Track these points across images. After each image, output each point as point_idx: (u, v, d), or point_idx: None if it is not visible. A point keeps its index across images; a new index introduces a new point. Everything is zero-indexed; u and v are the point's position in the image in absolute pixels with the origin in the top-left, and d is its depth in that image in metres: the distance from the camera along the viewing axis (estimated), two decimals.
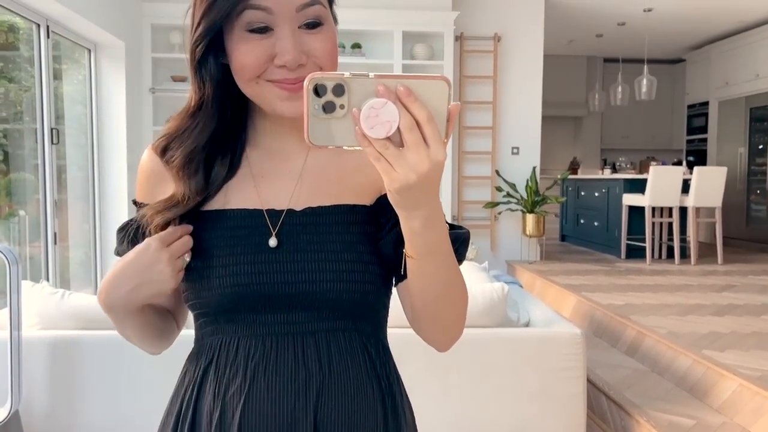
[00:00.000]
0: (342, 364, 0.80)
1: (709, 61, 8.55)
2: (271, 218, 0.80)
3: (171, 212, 0.80)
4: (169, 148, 0.82)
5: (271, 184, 0.83)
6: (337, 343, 0.80)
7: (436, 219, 0.67)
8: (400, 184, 0.60)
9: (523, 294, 3.27)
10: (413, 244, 0.69)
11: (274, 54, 0.74)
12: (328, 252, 0.79)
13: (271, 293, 0.78)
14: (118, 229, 0.89)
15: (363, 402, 0.80)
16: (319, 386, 0.78)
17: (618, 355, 3.67)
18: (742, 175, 7.81)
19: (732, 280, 5.19)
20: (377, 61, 5.55)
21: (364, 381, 0.81)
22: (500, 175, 6.19)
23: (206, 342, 0.83)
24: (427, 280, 0.74)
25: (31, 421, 2.40)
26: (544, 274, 5.52)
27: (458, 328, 0.82)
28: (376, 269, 0.80)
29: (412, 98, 0.58)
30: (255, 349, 0.79)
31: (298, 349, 0.79)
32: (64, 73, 4.55)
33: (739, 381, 2.74)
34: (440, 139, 0.59)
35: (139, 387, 2.46)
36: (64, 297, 2.48)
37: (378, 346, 0.85)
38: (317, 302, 0.78)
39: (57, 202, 4.10)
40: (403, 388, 0.89)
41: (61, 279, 4.16)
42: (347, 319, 0.80)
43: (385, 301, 0.85)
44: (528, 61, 6.23)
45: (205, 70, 0.78)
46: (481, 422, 2.57)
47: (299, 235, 0.80)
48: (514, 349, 2.56)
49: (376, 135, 0.59)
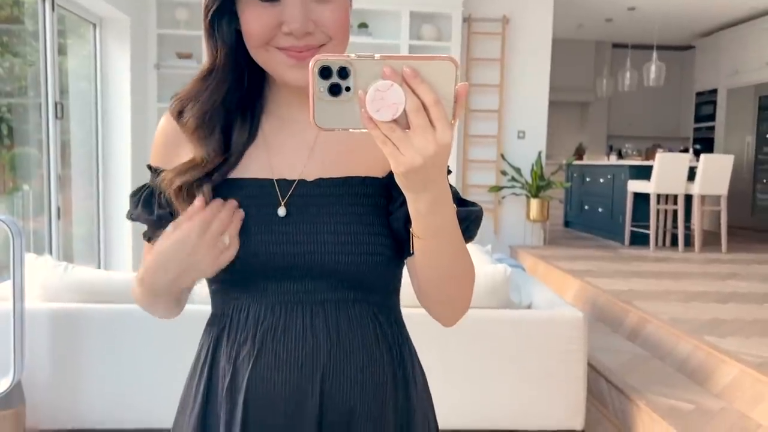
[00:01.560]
0: (351, 334, 0.80)
1: (718, 48, 8.47)
2: (282, 188, 0.80)
3: (190, 174, 0.79)
4: (183, 112, 0.82)
5: (284, 154, 0.83)
6: (346, 313, 0.80)
7: (442, 201, 0.67)
8: (407, 167, 0.60)
9: (526, 277, 3.27)
10: (419, 225, 0.69)
11: (282, 21, 0.74)
12: (337, 223, 0.78)
13: (281, 263, 0.78)
14: (131, 194, 0.89)
15: (371, 372, 0.80)
16: (326, 355, 0.78)
17: (619, 340, 3.68)
18: (749, 163, 7.77)
19: (736, 269, 5.18)
20: (384, 41, 5.51)
21: (374, 351, 0.81)
22: (505, 159, 6.17)
23: (220, 309, 0.84)
24: (432, 259, 0.74)
25: (34, 391, 2.42)
26: (547, 258, 5.51)
27: (463, 304, 0.82)
28: (386, 241, 0.80)
29: (418, 80, 0.57)
30: (264, 317, 0.80)
31: (307, 318, 0.79)
32: (68, 48, 4.53)
33: (739, 367, 2.74)
34: (447, 121, 0.59)
35: (140, 358, 2.47)
36: (66, 270, 2.48)
37: (389, 316, 0.85)
38: (326, 272, 0.78)
39: (61, 177, 4.10)
40: (416, 359, 0.89)
41: (64, 254, 4.17)
42: (357, 289, 0.80)
43: (396, 273, 0.85)
44: (536, 44, 6.17)
45: (218, 34, 0.79)
46: (482, 402, 2.58)
47: (309, 206, 0.80)
48: (516, 331, 2.56)
49: (382, 118, 0.58)
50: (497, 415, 2.59)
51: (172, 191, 0.80)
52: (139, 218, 0.87)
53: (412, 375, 0.85)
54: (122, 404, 2.48)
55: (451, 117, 0.59)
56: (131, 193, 0.89)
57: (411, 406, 0.84)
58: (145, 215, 0.86)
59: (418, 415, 0.85)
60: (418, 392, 0.86)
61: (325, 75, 0.58)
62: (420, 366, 0.90)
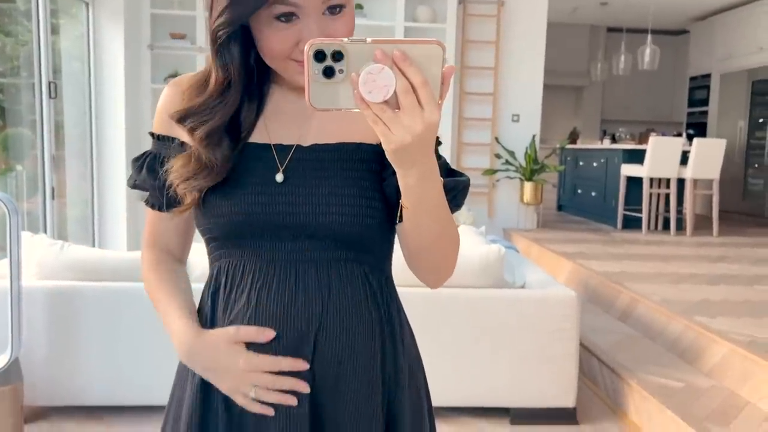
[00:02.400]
0: (342, 291, 0.83)
1: (713, 32, 8.48)
2: (280, 153, 0.84)
3: (197, 182, 0.81)
4: (189, 121, 0.83)
5: (281, 121, 0.86)
6: (338, 272, 0.84)
7: (430, 176, 0.71)
8: (396, 144, 0.65)
9: (520, 258, 3.30)
10: (408, 197, 0.74)
11: (299, 39, 0.77)
12: (332, 186, 0.82)
13: (276, 222, 0.82)
14: (133, 160, 0.92)
15: (361, 327, 0.84)
16: (318, 311, 0.82)
17: (611, 320, 3.72)
18: (741, 148, 7.81)
19: (726, 252, 5.23)
20: (379, 22, 5.49)
21: (363, 308, 0.85)
22: (500, 143, 6.18)
23: (216, 266, 0.88)
24: (420, 229, 0.79)
25: (31, 367, 2.43)
26: (540, 241, 5.54)
27: (448, 270, 0.87)
28: (379, 205, 0.84)
29: (407, 62, 0.61)
30: (259, 273, 0.83)
31: (300, 276, 0.83)
32: (61, 28, 4.49)
33: (729, 346, 2.79)
34: (435, 101, 0.63)
35: (135, 336, 2.49)
36: (63, 248, 2.49)
37: (380, 277, 0.88)
38: (320, 233, 0.82)
39: (54, 157, 4.09)
40: (404, 320, 0.93)
41: (59, 235, 4.16)
42: (350, 250, 0.84)
43: (389, 237, 0.89)
44: (531, 27, 6.16)
45: (228, 53, 0.80)
46: (475, 380, 2.61)
47: (305, 170, 0.83)
48: (509, 310, 2.59)
49: (373, 99, 0.62)
50: (490, 393, 2.63)
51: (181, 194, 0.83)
52: (143, 184, 0.90)
53: (400, 334, 0.90)
54: (118, 381, 2.51)
55: (438, 98, 0.63)
56: (133, 159, 0.92)
57: (398, 364, 0.88)
58: (150, 180, 0.89)
59: (405, 372, 0.89)
60: (405, 350, 0.90)
61: (320, 58, 0.62)
62: (409, 328, 0.94)
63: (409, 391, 0.89)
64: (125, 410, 2.59)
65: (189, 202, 0.83)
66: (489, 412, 2.68)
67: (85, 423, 2.54)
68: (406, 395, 0.89)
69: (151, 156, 0.90)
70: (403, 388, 0.88)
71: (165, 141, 0.89)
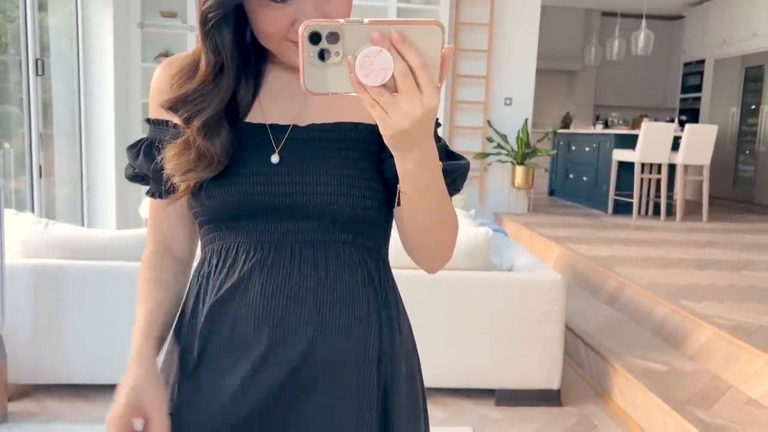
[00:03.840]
0: (338, 273, 0.81)
1: (708, 18, 8.45)
2: (276, 133, 0.82)
3: (196, 174, 0.78)
4: (178, 108, 0.80)
5: (277, 100, 0.84)
6: (335, 253, 0.82)
7: (428, 161, 0.69)
8: (394, 129, 0.62)
9: (508, 242, 3.30)
10: (406, 182, 0.71)
11: (294, 19, 0.74)
12: (330, 167, 0.80)
13: (271, 203, 0.80)
14: (127, 148, 0.88)
15: (357, 310, 0.82)
16: (313, 292, 0.80)
17: (598, 304, 3.74)
18: (733, 135, 7.82)
19: (715, 237, 5.25)
20: (372, 3, 5.44)
21: (360, 291, 0.83)
22: (492, 126, 6.16)
23: (209, 249, 0.86)
24: (418, 214, 0.77)
25: (15, 345, 2.43)
26: (530, 225, 5.55)
27: (446, 255, 0.85)
28: (378, 186, 0.82)
29: (406, 44, 0.58)
30: (253, 254, 0.81)
31: (296, 256, 0.80)
32: (49, 5, 4.43)
33: (713, 330, 2.81)
34: (434, 84, 0.60)
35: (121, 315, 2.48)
36: (47, 227, 2.47)
37: (378, 260, 0.87)
38: (317, 214, 0.80)
39: (42, 136, 4.05)
40: (400, 304, 0.91)
41: (47, 215, 4.14)
42: (347, 232, 0.82)
43: (387, 219, 0.87)
44: (525, 10, 6.12)
45: (218, 35, 0.77)
46: (461, 362, 2.62)
47: (301, 150, 0.81)
48: (495, 293, 2.60)
49: (371, 83, 0.59)
50: (475, 374, 2.64)
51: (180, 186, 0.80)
52: (141, 169, 0.87)
53: (396, 319, 0.88)
54: (102, 360, 2.50)
55: (437, 80, 0.61)
56: (128, 147, 0.88)
57: (395, 349, 0.86)
58: (146, 165, 0.86)
59: (402, 358, 0.88)
60: (402, 336, 0.89)
61: (315, 40, 0.59)
62: (405, 313, 0.92)
63: (405, 377, 0.88)
64: (109, 388, 2.58)
65: (184, 190, 0.80)
66: (474, 394, 2.70)
67: (69, 401, 2.54)
68: (402, 381, 0.87)
69: (147, 142, 0.86)
70: (399, 374, 0.87)
71: (159, 125, 0.86)
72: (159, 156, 0.83)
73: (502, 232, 3.81)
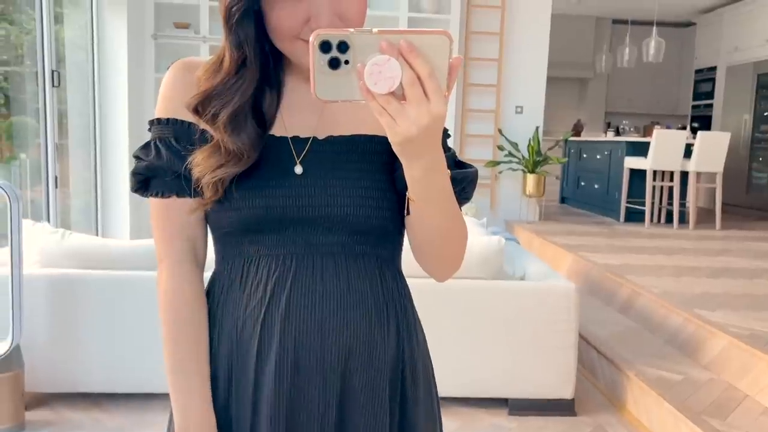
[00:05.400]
0: (359, 285, 0.83)
1: (720, 24, 8.42)
2: (296, 146, 0.83)
3: (227, 170, 0.78)
4: (206, 108, 0.80)
5: (296, 112, 0.85)
6: (355, 265, 0.83)
7: (436, 169, 0.70)
8: (402, 137, 0.63)
9: (520, 250, 3.30)
10: (414, 190, 0.73)
11: (309, 16, 0.75)
12: (348, 179, 0.81)
13: (294, 215, 0.81)
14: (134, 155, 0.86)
15: (380, 319, 0.84)
16: (336, 304, 0.82)
17: (611, 312, 3.72)
18: (746, 142, 7.77)
19: (729, 245, 5.22)
20: (382, 12, 5.47)
21: (380, 301, 0.84)
22: (503, 134, 6.16)
23: (228, 263, 0.86)
24: (427, 222, 0.78)
25: (32, 354, 2.46)
26: (542, 233, 5.54)
27: (455, 263, 0.86)
28: (393, 197, 0.83)
29: (414, 53, 0.60)
30: (276, 267, 0.82)
31: (318, 268, 0.82)
32: (65, 17, 4.49)
33: (728, 339, 2.79)
34: (441, 93, 0.61)
35: (135, 325, 2.50)
36: (64, 236, 2.50)
37: (394, 271, 0.89)
38: (338, 225, 0.81)
39: (58, 146, 4.10)
40: (415, 313, 0.93)
41: (62, 224, 4.18)
42: (366, 244, 0.84)
43: (401, 229, 0.88)
44: (535, 19, 6.13)
45: (242, 30, 0.78)
46: (474, 371, 2.62)
47: (322, 162, 0.82)
48: (508, 301, 2.60)
49: (379, 90, 0.61)
50: (488, 383, 2.64)
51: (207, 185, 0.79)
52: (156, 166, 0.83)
53: (414, 328, 0.90)
54: (118, 369, 2.52)
55: (445, 89, 0.62)
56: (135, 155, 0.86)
57: (414, 355, 0.88)
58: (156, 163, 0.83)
59: (420, 371, 0.89)
60: (419, 343, 0.90)
61: (325, 49, 0.61)
62: (419, 322, 0.93)
63: (423, 382, 0.89)
64: (125, 397, 2.61)
65: (211, 195, 0.79)
66: (487, 403, 2.69)
67: (86, 410, 2.56)
68: (420, 387, 0.89)
69: (156, 140, 0.84)
70: (418, 380, 0.88)
71: (170, 124, 0.84)
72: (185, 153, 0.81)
73: (513, 240, 3.81)
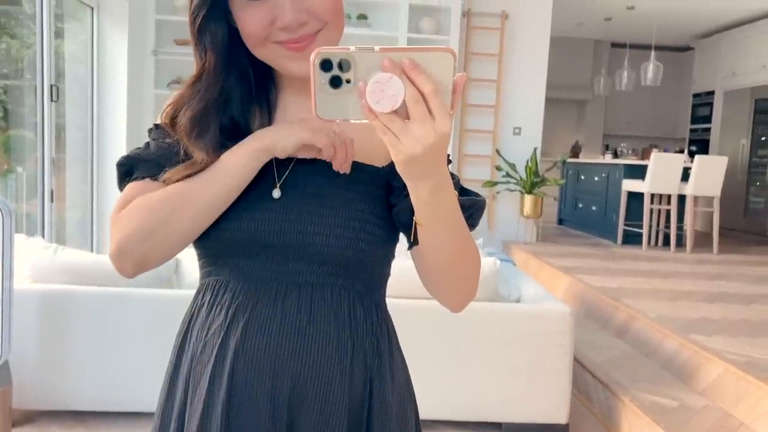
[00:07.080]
0: (323, 319, 0.79)
1: (718, 50, 8.48)
2: (279, 168, 0.81)
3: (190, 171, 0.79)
4: (177, 117, 0.82)
5: None
6: (321, 297, 0.79)
7: (443, 188, 0.68)
8: (406, 156, 0.61)
9: (516, 272, 3.29)
10: (422, 212, 0.70)
11: (274, 17, 0.74)
12: (327, 207, 0.78)
13: (266, 241, 0.79)
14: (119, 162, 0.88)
15: (340, 356, 0.80)
16: (295, 335, 0.78)
17: (607, 337, 3.70)
18: (743, 166, 7.79)
19: (726, 269, 5.21)
20: (382, 33, 5.50)
21: (344, 337, 0.80)
22: (500, 155, 6.18)
23: (204, 284, 0.86)
24: (437, 246, 0.75)
25: (21, 370, 2.43)
26: (538, 255, 5.53)
27: (470, 290, 0.83)
28: (376, 230, 0.80)
29: (417, 71, 0.58)
30: (240, 292, 0.80)
31: (279, 297, 0.79)
32: (66, 32, 4.51)
33: (724, 365, 2.77)
34: (446, 111, 0.60)
35: (128, 342, 2.48)
36: (56, 252, 2.49)
37: (369, 305, 0.84)
38: (308, 255, 0.78)
39: (55, 160, 4.09)
40: (395, 349, 0.88)
41: (57, 238, 4.16)
42: (338, 276, 0.80)
43: (382, 262, 0.85)
44: (534, 41, 6.17)
45: (205, 39, 0.79)
46: (467, 394, 2.59)
47: (303, 187, 0.80)
48: (503, 324, 2.58)
49: (382, 109, 0.59)
50: (482, 407, 2.61)
51: None
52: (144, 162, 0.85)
53: (389, 366, 0.84)
54: (109, 387, 2.49)
55: (449, 107, 0.60)
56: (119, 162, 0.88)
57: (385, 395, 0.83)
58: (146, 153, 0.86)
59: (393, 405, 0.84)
60: (395, 382, 0.85)
61: (326, 68, 0.59)
62: (401, 359, 0.89)
63: (397, 422, 0.84)
64: (112, 416, 2.58)
65: None
66: (481, 427, 2.66)
67: (73, 427, 2.53)
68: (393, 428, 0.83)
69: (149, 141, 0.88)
70: (389, 422, 0.83)
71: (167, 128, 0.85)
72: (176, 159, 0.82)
73: (509, 261, 3.80)
